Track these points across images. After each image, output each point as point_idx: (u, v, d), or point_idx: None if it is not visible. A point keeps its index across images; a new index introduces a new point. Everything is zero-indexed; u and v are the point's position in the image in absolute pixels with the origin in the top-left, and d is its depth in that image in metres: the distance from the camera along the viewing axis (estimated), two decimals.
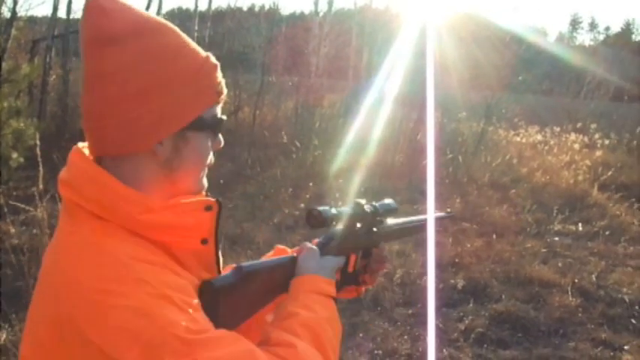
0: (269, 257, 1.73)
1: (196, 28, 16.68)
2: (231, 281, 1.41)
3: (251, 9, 26.04)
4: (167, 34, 1.33)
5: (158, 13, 17.22)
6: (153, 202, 1.29)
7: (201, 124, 1.36)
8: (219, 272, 1.45)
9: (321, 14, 17.57)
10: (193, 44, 1.37)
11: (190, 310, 1.20)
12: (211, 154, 1.45)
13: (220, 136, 1.46)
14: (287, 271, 1.58)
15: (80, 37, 1.29)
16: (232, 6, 22.41)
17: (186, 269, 1.32)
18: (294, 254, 1.64)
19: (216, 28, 20.10)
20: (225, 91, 1.42)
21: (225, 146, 1.49)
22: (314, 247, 1.64)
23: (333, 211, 1.69)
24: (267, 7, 23.69)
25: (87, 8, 1.27)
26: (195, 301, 1.25)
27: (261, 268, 1.54)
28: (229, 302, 1.37)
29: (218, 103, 1.41)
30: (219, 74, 1.41)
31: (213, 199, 1.38)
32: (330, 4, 17.37)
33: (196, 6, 17.24)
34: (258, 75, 16.42)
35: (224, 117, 1.43)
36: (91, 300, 1.14)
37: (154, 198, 1.31)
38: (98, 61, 1.26)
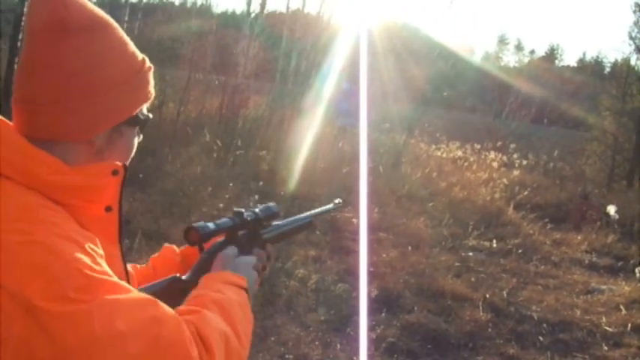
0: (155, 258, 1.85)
1: (126, 19, 16.39)
2: None
3: (183, 4, 25.69)
4: (114, 31, 1.39)
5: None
6: (62, 165, 1.28)
7: (135, 120, 1.43)
8: (121, 242, 1.43)
9: (252, 15, 17.44)
10: (132, 45, 1.43)
11: (95, 256, 1.20)
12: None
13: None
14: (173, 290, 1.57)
15: (31, 21, 1.30)
16: (164, 0, 22.09)
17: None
18: (177, 275, 1.64)
19: (146, 20, 19.82)
20: (153, 92, 1.49)
21: (147, 140, 1.52)
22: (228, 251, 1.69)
23: (211, 226, 1.68)
24: (199, 3, 23.40)
25: None
26: (101, 251, 1.25)
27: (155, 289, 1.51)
28: None
29: (148, 102, 1.48)
30: (152, 76, 1.48)
31: (119, 163, 1.38)
32: (263, 5, 17.25)
33: None
34: (186, 71, 16.20)
35: (150, 115, 1.50)
36: None
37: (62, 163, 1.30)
38: (51, 49, 1.28)
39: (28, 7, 1.33)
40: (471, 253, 9.65)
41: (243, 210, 1.81)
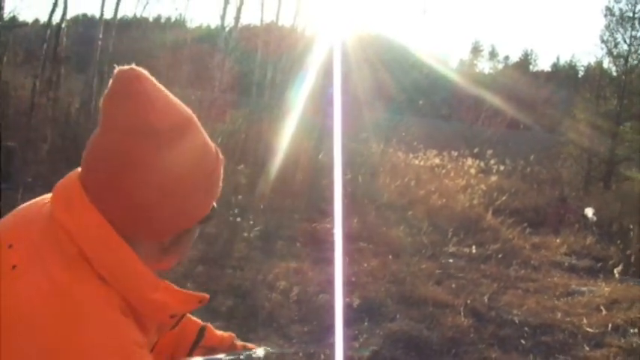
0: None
1: (101, 36, 16.32)
2: None
3: (157, 20, 25.66)
4: (195, 132, 1.32)
5: (62, 19, 16.82)
6: (158, 281, 1.27)
7: (205, 218, 1.38)
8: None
9: (227, 29, 17.47)
10: (208, 139, 1.36)
11: None
12: None
13: None
14: None
15: (114, 115, 1.23)
16: (138, 16, 22.02)
17: (145, 331, 1.28)
18: None
19: (120, 36, 19.75)
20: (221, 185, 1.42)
21: None
22: None
23: None
24: (173, 19, 23.37)
25: (133, 94, 1.23)
26: None
27: None
28: None
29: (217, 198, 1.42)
30: (222, 169, 1.41)
31: (207, 295, 1.36)
32: (237, 19, 17.29)
33: (102, 14, 16.86)
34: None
35: (216, 206, 1.41)
36: None
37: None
38: (133, 149, 1.21)
39: (111, 99, 1.24)
40: (451, 260, 9.69)
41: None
